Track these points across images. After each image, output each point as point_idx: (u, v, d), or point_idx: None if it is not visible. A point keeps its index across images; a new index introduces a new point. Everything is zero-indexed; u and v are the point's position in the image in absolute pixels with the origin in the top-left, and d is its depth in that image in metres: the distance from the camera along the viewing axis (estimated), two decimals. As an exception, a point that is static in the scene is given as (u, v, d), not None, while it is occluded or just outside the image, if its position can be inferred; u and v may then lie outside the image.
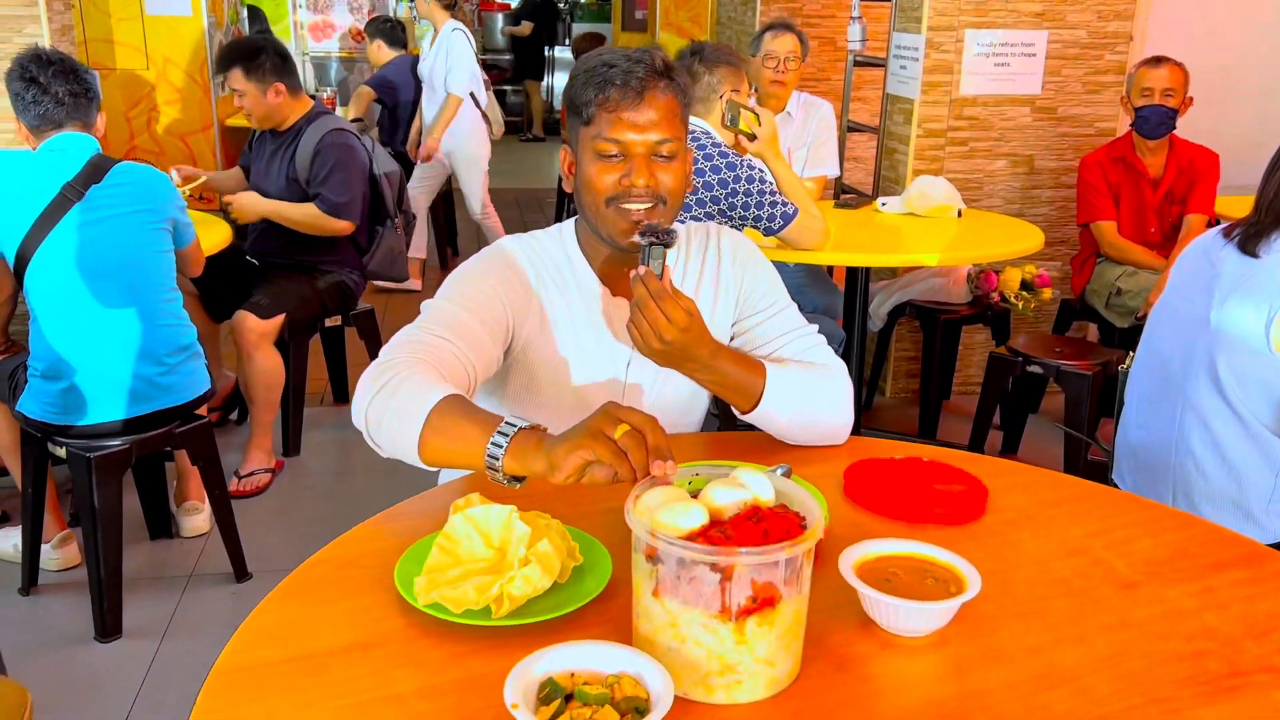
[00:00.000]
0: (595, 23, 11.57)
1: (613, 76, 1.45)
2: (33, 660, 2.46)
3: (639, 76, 1.45)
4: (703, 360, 1.44)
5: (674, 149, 1.49)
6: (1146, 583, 1.25)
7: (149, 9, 5.55)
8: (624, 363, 1.60)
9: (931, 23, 3.82)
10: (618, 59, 1.46)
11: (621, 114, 1.45)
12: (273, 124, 3.49)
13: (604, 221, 1.51)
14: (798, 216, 2.87)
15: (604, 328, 1.59)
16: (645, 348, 1.40)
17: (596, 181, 1.48)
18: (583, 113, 1.48)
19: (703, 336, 1.42)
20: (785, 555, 0.97)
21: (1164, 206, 3.68)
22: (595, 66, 1.47)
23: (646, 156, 1.47)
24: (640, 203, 1.48)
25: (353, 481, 3.40)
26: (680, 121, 1.50)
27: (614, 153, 1.47)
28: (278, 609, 1.15)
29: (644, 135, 1.46)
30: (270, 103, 3.42)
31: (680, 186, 1.52)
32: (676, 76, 1.49)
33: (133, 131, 5.70)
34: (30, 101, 2.49)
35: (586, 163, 1.50)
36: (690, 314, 1.38)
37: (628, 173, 1.47)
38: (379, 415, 1.31)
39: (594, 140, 1.48)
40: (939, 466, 1.51)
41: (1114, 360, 3.19)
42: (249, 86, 3.39)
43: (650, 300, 1.36)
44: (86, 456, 2.47)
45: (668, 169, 1.49)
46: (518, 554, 1.12)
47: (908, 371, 4.25)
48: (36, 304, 2.49)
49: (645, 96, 1.45)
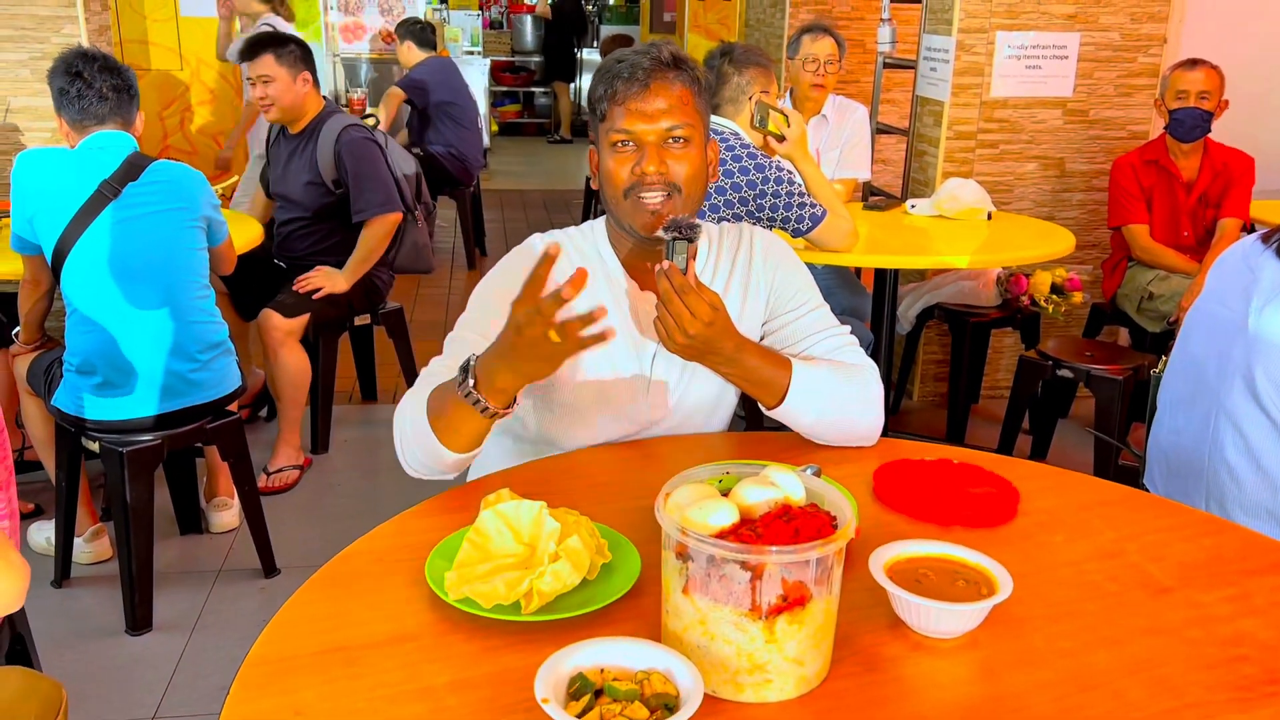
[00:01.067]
0: (624, 25, 11.59)
1: (620, 70, 1.49)
2: (65, 652, 2.50)
3: (644, 68, 1.48)
4: (727, 354, 1.44)
5: (687, 133, 1.50)
6: (1180, 588, 1.24)
7: (183, 10, 5.61)
8: (649, 358, 1.60)
9: (962, 25, 3.80)
10: (627, 54, 1.51)
11: (629, 104, 1.48)
12: (294, 116, 3.49)
13: (624, 213, 1.53)
14: (826, 218, 2.86)
15: (630, 322, 1.60)
16: (669, 342, 1.41)
17: (614, 173, 1.51)
18: (597, 109, 1.52)
19: (727, 330, 1.42)
20: (816, 554, 0.97)
21: (1198, 210, 3.64)
22: (608, 65, 1.51)
23: (658, 145, 1.49)
24: (654, 191, 1.49)
25: (380, 479, 3.42)
26: (695, 110, 1.52)
27: (626, 141, 1.49)
28: (310, 601, 1.16)
29: (654, 124, 1.48)
30: (298, 91, 3.43)
31: (696, 174, 1.52)
32: (687, 67, 1.52)
33: (166, 131, 5.77)
34: (75, 96, 2.52)
35: (605, 156, 1.53)
36: (715, 308, 1.38)
37: (639, 161, 1.49)
38: (411, 452, 1.43)
39: (608, 133, 1.51)
40: (970, 468, 1.50)
41: (1145, 365, 3.16)
42: (279, 71, 3.38)
43: (674, 294, 1.36)
44: (119, 451, 2.50)
45: (681, 157, 1.50)
46: (548, 550, 1.13)
47: (936, 375, 4.23)
48: (73, 299, 2.52)
49: (651, 86, 1.48)
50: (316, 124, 3.49)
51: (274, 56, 3.38)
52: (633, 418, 1.62)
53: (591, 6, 12.77)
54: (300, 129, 3.52)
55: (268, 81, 3.39)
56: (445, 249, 6.61)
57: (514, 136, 11.56)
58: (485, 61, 9.24)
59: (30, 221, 2.51)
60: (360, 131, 3.48)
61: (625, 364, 1.60)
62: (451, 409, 1.34)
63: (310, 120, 3.51)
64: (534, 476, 1.49)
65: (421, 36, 5.90)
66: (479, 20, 10.36)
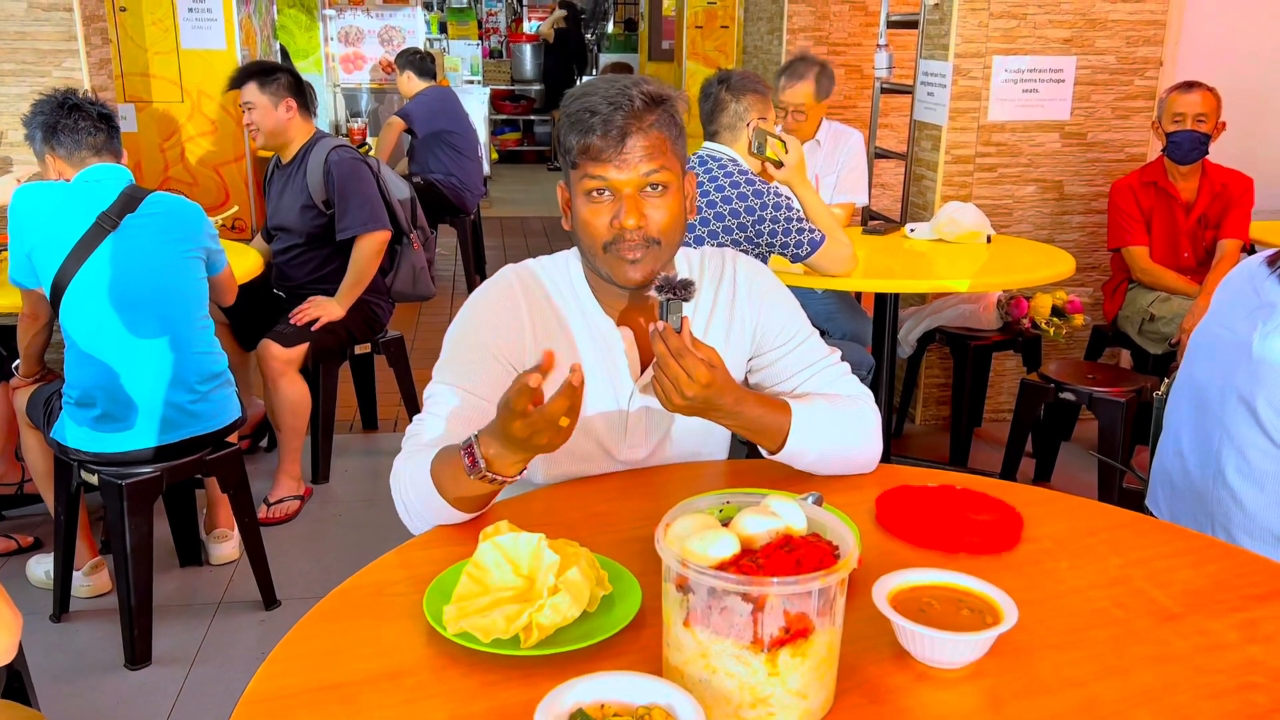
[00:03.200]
0: (623, 53, 11.65)
1: (594, 125, 1.41)
2: (63, 687, 2.48)
3: (618, 125, 1.41)
4: (728, 409, 1.41)
5: (665, 179, 1.45)
6: (1188, 614, 1.22)
7: (184, 43, 5.64)
8: (626, 394, 1.58)
9: (959, 50, 3.82)
10: (599, 104, 1.41)
11: (604, 159, 1.42)
12: (279, 142, 3.52)
13: (603, 265, 1.49)
14: (825, 243, 2.86)
15: (606, 358, 1.57)
16: (667, 403, 1.38)
17: (591, 224, 1.46)
18: (569, 157, 1.46)
19: (726, 386, 1.39)
20: (819, 585, 0.96)
21: (1197, 231, 3.64)
22: (577, 112, 1.43)
23: (635, 194, 1.44)
24: (634, 249, 1.45)
25: (381, 509, 3.40)
26: (671, 153, 1.46)
27: (601, 190, 1.45)
28: (307, 637, 1.15)
29: (629, 173, 1.43)
30: (280, 117, 3.45)
31: (675, 221, 1.48)
32: (662, 107, 1.45)
33: (167, 163, 5.79)
34: (70, 129, 2.54)
35: (579, 204, 1.48)
36: (712, 366, 1.36)
37: (617, 213, 1.44)
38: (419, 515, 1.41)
39: (582, 181, 1.46)
40: (973, 494, 1.49)
41: (1148, 387, 3.15)
42: (260, 98, 3.42)
43: (670, 358, 1.34)
44: (118, 484, 2.49)
45: (660, 204, 1.45)
46: (547, 582, 1.11)
47: (938, 399, 4.22)
48: (71, 331, 2.52)
49: (626, 141, 1.41)
50: (306, 149, 3.52)
51: (257, 84, 3.43)
52: (612, 455, 1.60)
53: (591, 35, 12.86)
54: (291, 157, 3.55)
55: (251, 108, 3.45)
56: (446, 277, 6.62)
57: (514, 164, 11.61)
58: (485, 90, 9.29)
59: (29, 256, 2.51)
60: (348, 152, 3.50)
61: (602, 398, 1.57)
62: (464, 484, 1.32)
63: (300, 147, 3.53)
64: (534, 507, 1.48)
65: (421, 66, 5.94)
66: (479, 49, 10.44)
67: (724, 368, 1.39)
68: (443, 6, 11.86)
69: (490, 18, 13.25)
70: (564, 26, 11.78)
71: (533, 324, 1.54)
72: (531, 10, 13.27)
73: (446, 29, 11.15)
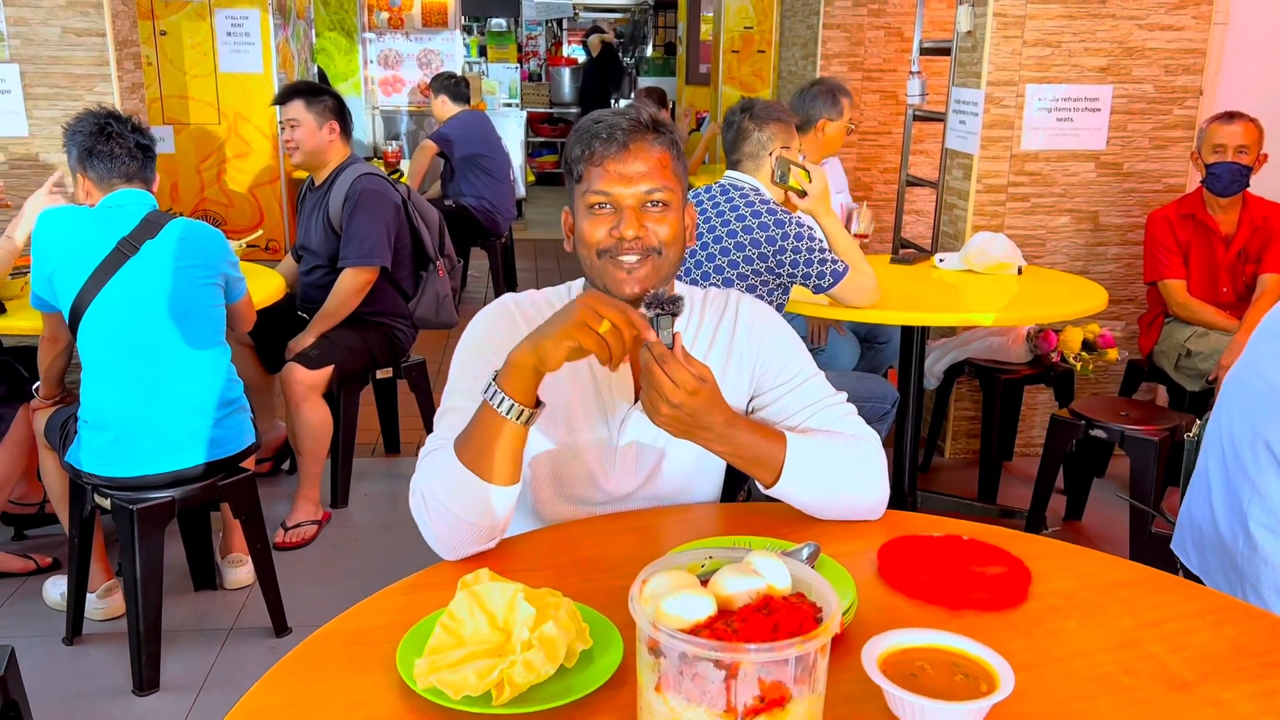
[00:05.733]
0: (660, 76, 11.67)
1: (598, 131, 1.45)
2: (71, 713, 2.47)
3: (623, 129, 1.45)
4: (717, 429, 1.37)
5: (666, 197, 1.47)
6: (1201, 683, 1.15)
7: (222, 67, 5.73)
8: (618, 421, 1.56)
9: (991, 78, 3.76)
10: (605, 115, 1.48)
11: (608, 166, 1.45)
12: (316, 163, 3.53)
13: (598, 274, 1.49)
14: (848, 274, 2.81)
15: (601, 386, 1.56)
16: (655, 415, 1.35)
17: (588, 234, 1.47)
18: (574, 170, 1.48)
19: (715, 403, 1.36)
20: (796, 653, 0.91)
21: (1237, 265, 3.54)
22: (585, 125, 1.48)
23: (636, 208, 1.46)
24: (631, 254, 1.46)
25: (399, 534, 3.38)
26: (673, 175, 1.49)
27: (604, 204, 1.46)
28: (276, 688, 1.12)
29: (632, 187, 1.45)
30: (322, 138, 3.47)
31: (676, 237, 1.49)
32: (665, 130, 1.48)
33: (203, 184, 5.86)
34: (106, 154, 2.56)
35: (580, 218, 1.49)
36: (701, 379, 1.33)
37: (617, 225, 1.45)
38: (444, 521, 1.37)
39: (584, 195, 1.47)
40: (979, 546, 1.43)
41: (1182, 425, 3.05)
42: (306, 117, 3.44)
43: (655, 365, 1.32)
44: (130, 509, 2.49)
45: (661, 219, 1.47)
46: (521, 637, 1.07)
47: (968, 431, 4.13)
48: (88, 355, 2.53)
49: (630, 148, 1.45)
50: (337, 173, 3.53)
51: (304, 103, 3.44)
52: (599, 487, 1.57)
53: (629, 59, 12.91)
54: (323, 179, 3.56)
55: (295, 126, 3.45)
56: (477, 299, 6.63)
57: (551, 186, 11.66)
58: (522, 114, 9.33)
59: (50, 279, 2.53)
60: (374, 182, 3.49)
61: (594, 426, 1.55)
62: (483, 432, 1.33)
63: (332, 170, 3.54)
64: (523, 549, 1.44)
65: (455, 91, 5.97)
66: (517, 73, 10.51)
67: (714, 383, 1.36)
68: (483, 30, 11.97)
69: (530, 41, 13.35)
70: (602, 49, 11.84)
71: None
72: (571, 34, 13.36)
73: (486, 52, 11.26)
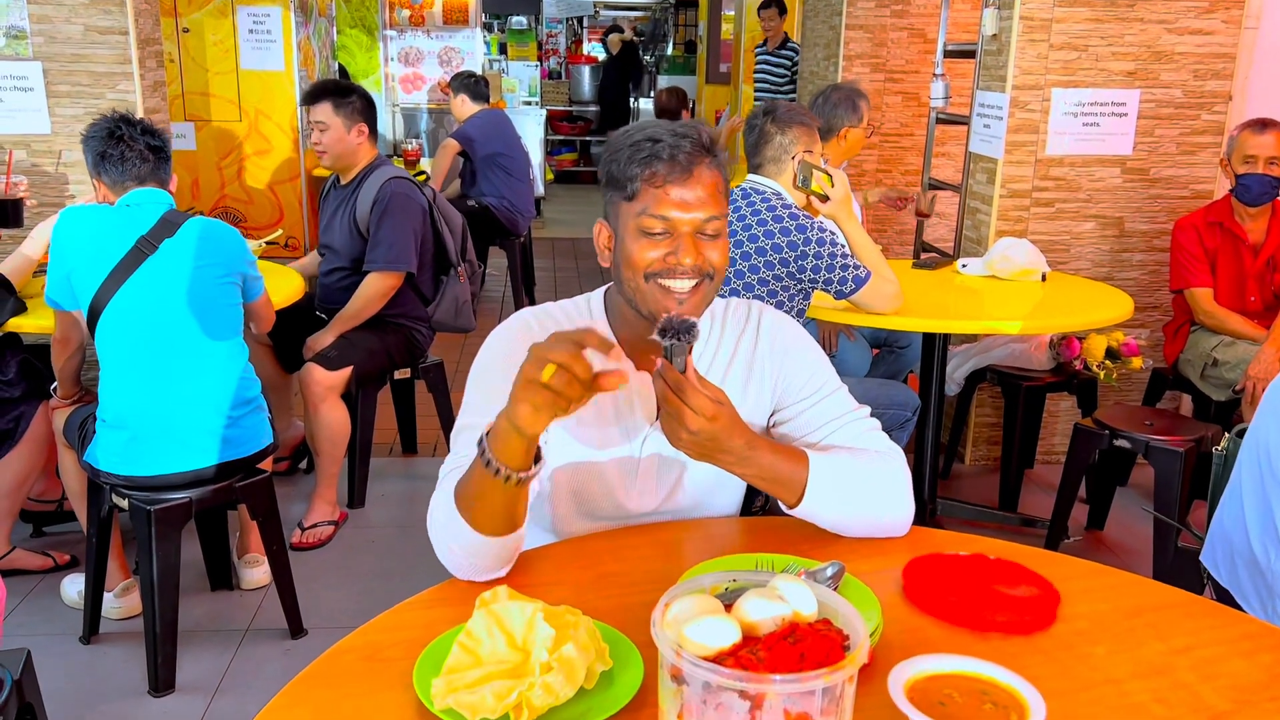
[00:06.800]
0: (680, 75, 11.65)
1: (659, 151, 1.40)
2: (85, 712, 2.47)
3: (686, 152, 1.40)
4: (738, 452, 1.34)
5: (719, 227, 1.44)
6: (1236, 713, 1.13)
7: (244, 64, 5.74)
8: (640, 438, 1.53)
9: (1016, 81, 3.71)
10: (663, 134, 1.41)
11: (669, 190, 1.40)
12: (344, 164, 3.52)
13: (643, 297, 1.45)
14: (870, 280, 2.78)
15: (622, 399, 1.53)
16: (675, 440, 1.32)
17: (637, 257, 1.43)
18: (626, 188, 1.43)
19: (735, 426, 1.33)
20: (823, 684, 0.89)
21: (1265, 274, 3.48)
22: (639, 141, 1.42)
23: (693, 235, 1.42)
24: (685, 279, 1.42)
25: (414, 535, 3.37)
26: (724, 198, 1.46)
27: (659, 230, 1.42)
28: (293, 703, 1.10)
29: (691, 214, 1.41)
30: (351, 141, 3.45)
31: (725, 262, 1.47)
32: (718, 153, 1.45)
33: (224, 180, 5.87)
34: (117, 159, 2.57)
35: (629, 239, 1.44)
36: (719, 403, 1.30)
37: (674, 250, 1.41)
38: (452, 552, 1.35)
39: (639, 217, 1.42)
40: (1006, 565, 1.40)
41: (1208, 436, 3.01)
42: (335, 120, 3.42)
43: (670, 393, 1.28)
44: (147, 509, 2.48)
45: (713, 246, 1.44)
46: (540, 659, 1.06)
47: (989, 438, 4.09)
48: (106, 354, 2.53)
49: (693, 172, 1.40)
50: (365, 174, 3.51)
51: (332, 105, 3.42)
52: (620, 504, 1.54)
53: (649, 57, 12.89)
54: (350, 179, 3.54)
55: (323, 129, 3.43)
56: (495, 298, 6.62)
57: (570, 184, 11.65)
58: (541, 112, 9.32)
59: (68, 277, 2.53)
60: (404, 185, 3.48)
61: (613, 443, 1.53)
62: (475, 486, 1.28)
63: (360, 171, 3.52)
64: (544, 565, 1.42)
65: (475, 90, 5.95)
66: (537, 71, 10.50)
67: (731, 406, 1.33)
68: (503, 28, 11.97)
69: (550, 39, 13.35)
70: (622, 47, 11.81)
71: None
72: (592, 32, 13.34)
73: (506, 50, 11.25)
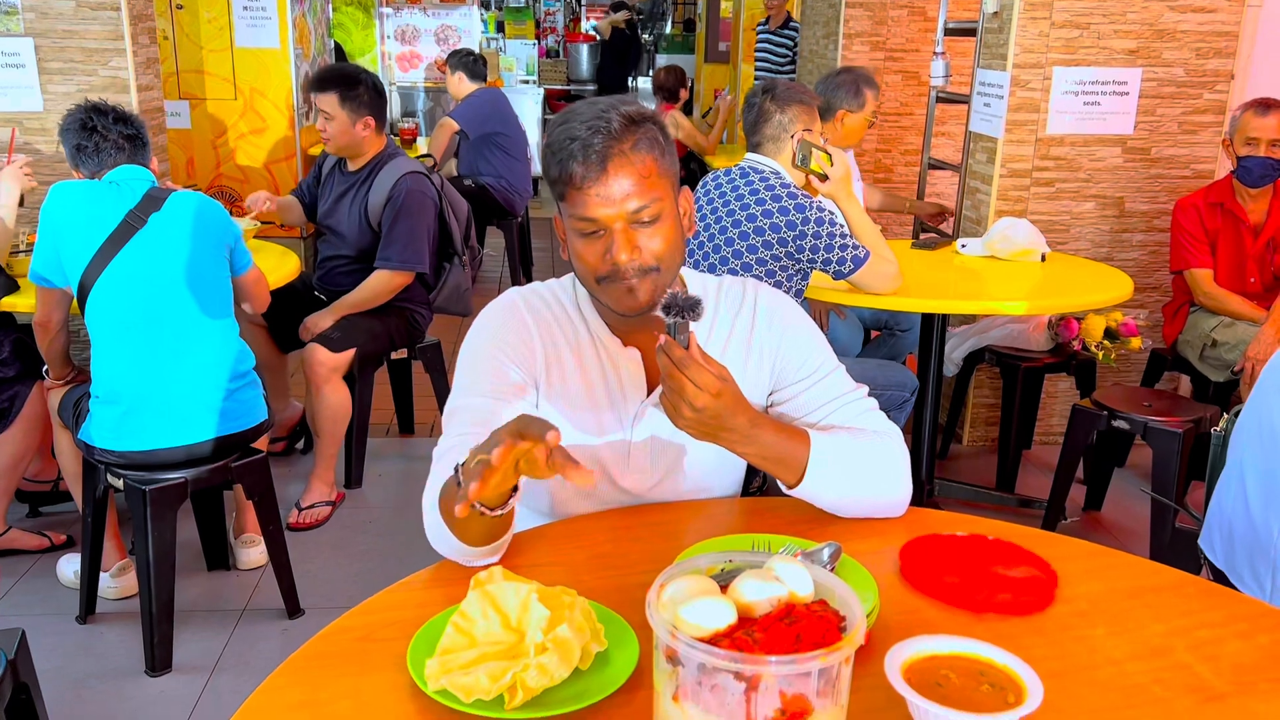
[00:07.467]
0: (678, 53, 11.58)
1: (574, 151, 1.35)
2: (81, 691, 2.47)
3: (597, 149, 1.34)
4: (742, 430, 1.33)
5: (655, 211, 1.39)
6: (1235, 694, 1.12)
7: (239, 42, 5.68)
8: (632, 413, 1.52)
9: (1017, 60, 3.68)
10: (578, 128, 1.35)
11: (589, 191, 1.36)
12: (349, 154, 3.49)
13: (602, 295, 1.45)
14: (869, 260, 2.77)
15: (612, 381, 1.51)
16: (678, 419, 1.31)
17: (584, 258, 1.41)
18: (556, 189, 1.41)
19: (738, 403, 1.32)
20: (819, 666, 0.88)
21: (1266, 255, 3.47)
22: (558, 140, 1.37)
23: (625, 228, 1.38)
24: (629, 279, 1.40)
25: (411, 516, 3.33)
26: (660, 178, 1.39)
27: (592, 230, 1.39)
28: (285, 685, 1.10)
29: (617, 208, 1.37)
30: (356, 134, 3.42)
31: (673, 246, 1.42)
32: (643, 126, 1.38)
33: (219, 159, 5.83)
34: (92, 150, 2.58)
35: (572, 238, 1.43)
36: (723, 379, 1.28)
37: (609, 248, 1.39)
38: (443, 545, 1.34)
39: (570, 219, 1.40)
40: (1004, 546, 1.39)
41: (1207, 417, 3.00)
42: (340, 113, 3.37)
43: (675, 369, 1.27)
44: (142, 489, 2.47)
45: (653, 234, 1.40)
46: (535, 640, 1.05)
47: (987, 419, 4.08)
48: (97, 329, 2.51)
49: (609, 169, 1.35)
50: (375, 165, 3.46)
51: (338, 97, 3.36)
52: (616, 484, 1.53)
53: (648, 35, 12.81)
54: (358, 167, 3.50)
55: (328, 119, 3.39)
56: (493, 278, 6.60)
57: (568, 164, 11.60)
58: (539, 90, 9.26)
59: (57, 252, 2.51)
60: (419, 183, 3.43)
61: (606, 424, 1.51)
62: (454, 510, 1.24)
63: (369, 160, 3.48)
64: (539, 544, 1.42)
65: (472, 68, 5.91)
66: (535, 49, 10.44)
67: (734, 383, 1.31)
68: (500, 5, 11.89)
69: (548, 17, 13.26)
70: (622, 26, 11.74)
71: (540, 339, 1.50)
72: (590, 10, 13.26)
73: (503, 28, 11.18)
